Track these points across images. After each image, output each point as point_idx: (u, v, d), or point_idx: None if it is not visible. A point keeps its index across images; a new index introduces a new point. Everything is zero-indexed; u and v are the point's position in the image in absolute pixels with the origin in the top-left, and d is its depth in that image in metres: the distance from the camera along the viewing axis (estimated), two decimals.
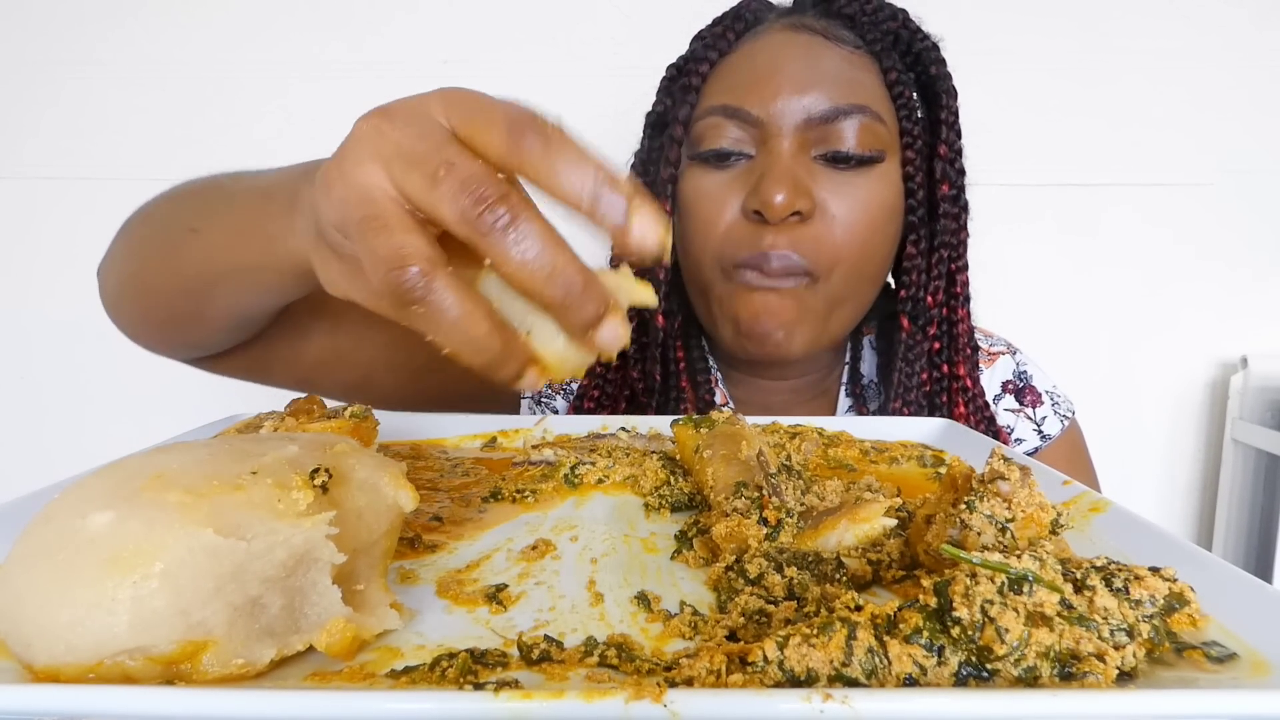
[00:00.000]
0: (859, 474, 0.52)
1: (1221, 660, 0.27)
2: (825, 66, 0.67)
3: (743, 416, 0.54)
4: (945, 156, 0.71)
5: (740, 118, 0.67)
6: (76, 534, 0.25)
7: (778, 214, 0.64)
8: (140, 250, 0.58)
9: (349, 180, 0.32)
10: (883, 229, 0.69)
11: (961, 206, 0.74)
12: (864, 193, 0.67)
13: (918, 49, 0.72)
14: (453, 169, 0.30)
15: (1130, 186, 1.31)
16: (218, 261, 0.51)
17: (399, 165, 0.31)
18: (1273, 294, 1.33)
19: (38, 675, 0.24)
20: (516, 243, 0.30)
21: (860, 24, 0.71)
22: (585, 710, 0.23)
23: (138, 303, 0.60)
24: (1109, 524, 0.39)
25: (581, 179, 0.30)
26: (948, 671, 0.25)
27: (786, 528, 0.37)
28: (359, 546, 0.30)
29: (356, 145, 0.33)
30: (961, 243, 0.74)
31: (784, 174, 0.65)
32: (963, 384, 0.74)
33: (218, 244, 0.50)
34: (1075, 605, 0.26)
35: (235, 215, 0.49)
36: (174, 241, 0.54)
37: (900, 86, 0.69)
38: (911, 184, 0.70)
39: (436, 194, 0.30)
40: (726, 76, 0.70)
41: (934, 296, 0.73)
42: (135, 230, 0.59)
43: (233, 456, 0.29)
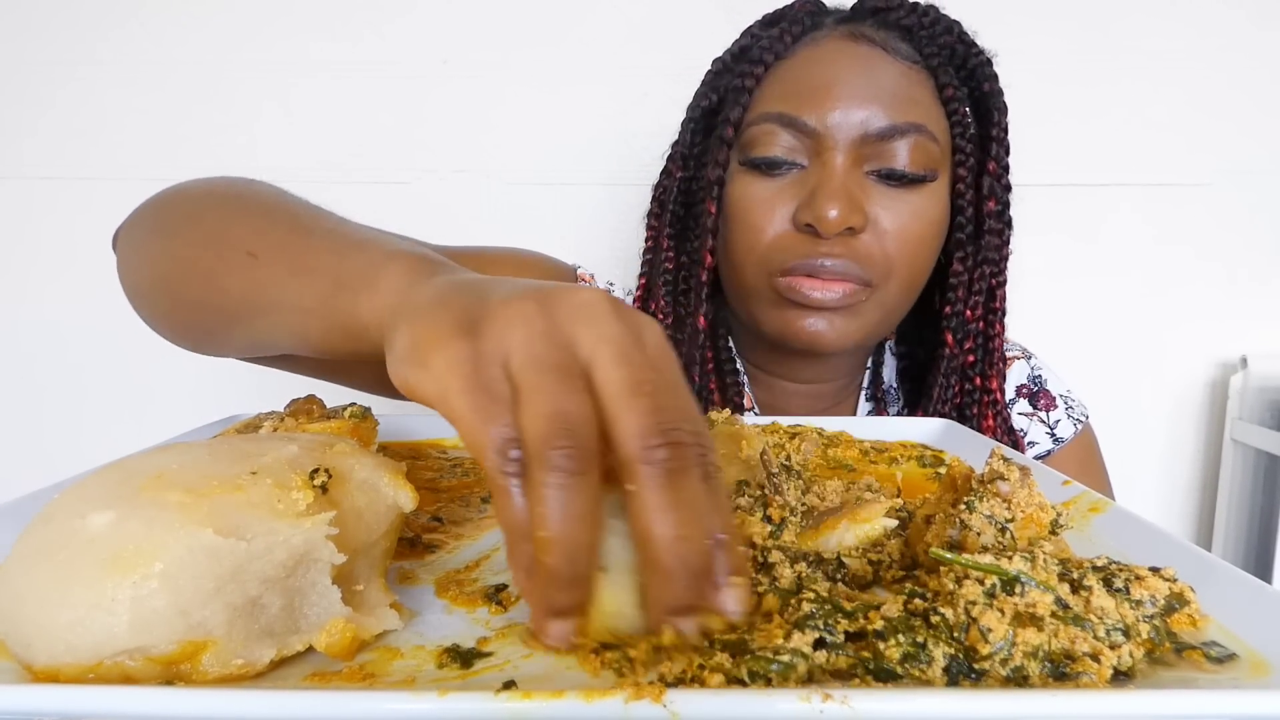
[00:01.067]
0: (859, 474, 0.52)
1: (1221, 660, 0.27)
2: (883, 81, 0.67)
3: (740, 417, 0.54)
4: (994, 173, 0.71)
5: (796, 127, 0.67)
6: (76, 534, 0.25)
7: (831, 229, 0.64)
8: (182, 255, 0.54)
9: (560, 323, 0.29)
10: (930, 245, 0.70)
11: (1006, 223, 0.74)
12: (914, 208, 0.67)
13: (972, 64, 0.71)
14: (654, 386, 0.28)
15: (1130, 187, 1.31)
16: (268, 294, 0.47)
17: (610, 351, 0.29)
18: (1272, 294, 1.33)
19: (38, 675, 0.24)
20: (678, 498, 0.27)
21: (918, 37, 0.71)
22: (585, 710, 0.23)
23: (167, 305, 0.58)
24: (1109, 524, 0.39)
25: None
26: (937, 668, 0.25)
27: (790, 525, 0.37)
28: (359, 547, 0.30)
29: (585, 305, 0.30)
30: (1004, 258, 0.74)
31: (839, 189, 0.65)
32: (993, 398, 0.74)
33: (274, 276, 0.47)
34: (1071, 605, 0.26)
35: (308, 251, 0.46)
36: (226, 260, 0.50)
37: (955, 103, 0.69)
38: (961, 201, 0.70)
39: (632, 402, 0.28)
40: (782, 82, 0.70)
41: (973, 311, 0.73)
42: (179, 230, 0.55)
43: (233, 457, 0.29)
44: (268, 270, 0.47)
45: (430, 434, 0.61)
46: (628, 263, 0.85)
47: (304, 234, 0.47)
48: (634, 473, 0.27)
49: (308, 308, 0.44)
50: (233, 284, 0.49)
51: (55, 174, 1.32)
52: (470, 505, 0.45)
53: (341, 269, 0.42)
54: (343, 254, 0.43)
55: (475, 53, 1.28)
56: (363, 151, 1.30)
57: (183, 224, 0.55)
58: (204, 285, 0.52)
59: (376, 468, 0.32)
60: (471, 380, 0.29)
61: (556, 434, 0.27)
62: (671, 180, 0.77)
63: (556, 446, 0.26)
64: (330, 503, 0.29)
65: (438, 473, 0.52)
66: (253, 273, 0.48)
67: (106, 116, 1.30)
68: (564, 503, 0.26)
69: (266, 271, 0.47)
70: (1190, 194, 1.30)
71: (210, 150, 1.30)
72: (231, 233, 0.51)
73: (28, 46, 1.29)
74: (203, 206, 0.56)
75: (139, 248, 0.58)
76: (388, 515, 0.32)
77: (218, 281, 0.51)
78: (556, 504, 0.26)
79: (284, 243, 0.47)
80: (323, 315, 0.43)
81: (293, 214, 0.50)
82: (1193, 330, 1.35)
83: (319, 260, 0.44)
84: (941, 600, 0.27)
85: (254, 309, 0.49)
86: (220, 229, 0.52)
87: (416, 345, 0.31)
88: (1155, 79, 1.27)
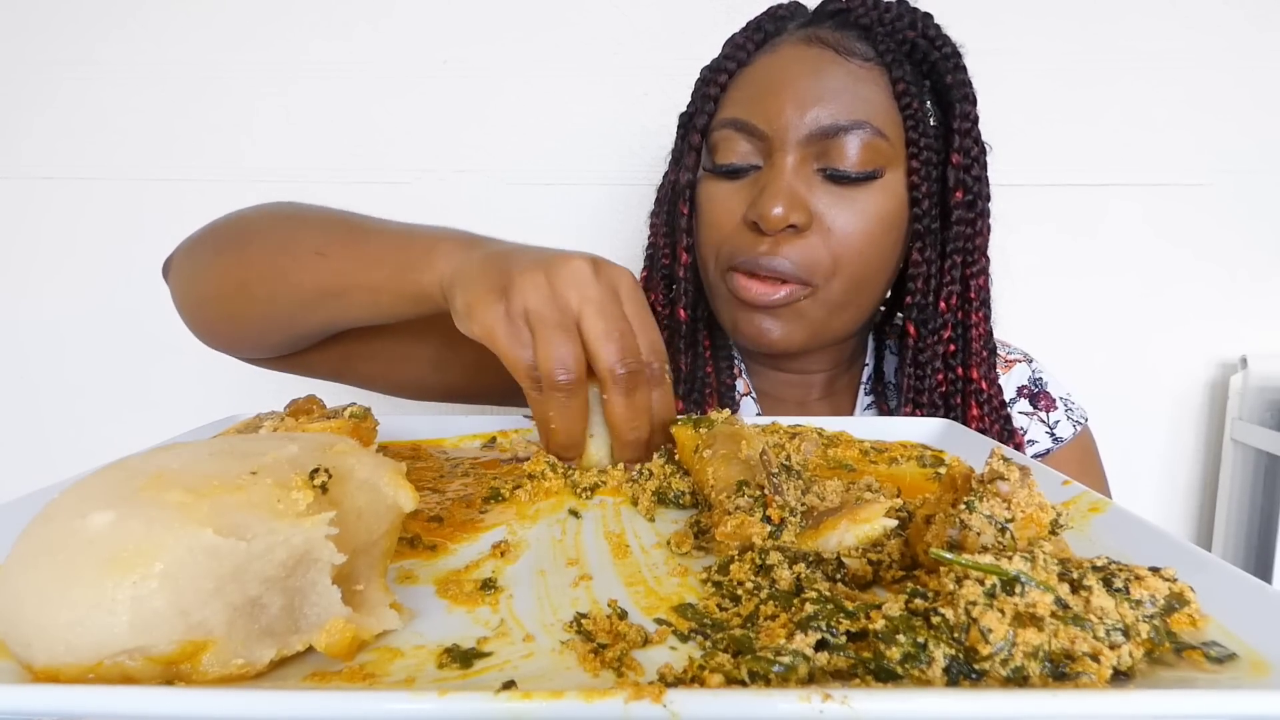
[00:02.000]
0: (859, 474, 0.52)
1: (1221, 660, 0.27)
2: (830, 82, 0.68)
3: (741, 417, 0.54)
4: (959, 164, 0.72)
5: (749, 131, 0.70)
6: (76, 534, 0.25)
7: (773, 226, 0.67)
8: (257, 261, 0.64)
9: (559, 289, 0.48)
10: (879, 241, 0.71)
11: (978, 213, 0.74)
12: (862, 206, 0.69)
13: (935, 58, 0.72)
14: (624, 335, 0.49)
15: (1129, 187, 1.31)
16: (342, 280, 0.60)
17: (594, 307, 0.48)
18: (1272, 294, 1.33)
19: (38, 675, 0.24)
20: (631, 402, 0.49)
21: (875, 34, 0.71)
22: (585, 710, 0.23)
23: (239, 307, 0.66)
24: (1109, 524, 0.39)
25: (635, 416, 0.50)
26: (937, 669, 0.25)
27: (790, 526, 0.37)
28: (359, 546, 0.30)
29: (574, 272, 0.49)
30: (977, 248, 0.75)
31: (782, 188, 0.67)
32: (976, 386, 0.75)
33: (345, 268, 0.60)
34: (1071, 605, 0.26)
35: (369, 246, 0.60)
36: (300, 260, 0.62)
37: (909, 98, 0.70)
38: (917, 194, 0.71)
39: (609, 344, 0.48)
40: (741, 89, 0.73)
41: (948, 301, 0.74)
42: (248, 243, 0.66)
43: (233, 456, 0.29)
44: (338, 264, 0.60)
45: (430, 434, 0.62)
46: (628, 262, 0.85)
47: (362, 234, 0.61)
48: (605, 386, 0.49)
49: (380, 286, 0.58)
50: (307, 278, 0.61)
51: (54, 173, 1.32)
52: (470, 505, 0.45)
53: (404, 256, 0.57)
54: (400, 245, 0.58)
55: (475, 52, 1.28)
56: (363, 151, 1.30)
57: (251, 239, 0.66)
58: (280, 282, 0.63)
59: (377, 467, 0.32)
60: (505, 328, 0.48)
61: (557, 369, 0.47)
62: (666, 181, 0.81)
63: (558, 376, 0.47)
64: (330, 502, 0.29)
65: (438, 473, 0.52)
66: (326, 265, 0.61)
67: (105, 116, 1.30)
68: (564, 409, 0.48)
69: (337, 265, 0.60)
70: (1190, 194, 1.30)
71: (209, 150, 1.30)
72: (298, 240, 0.63)
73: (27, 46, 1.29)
74: (264, 224, 0.67)
75: (207, 266, 0.68)
76: (388, 515, 0.32)
77: (294, 278, 0.62)
78: (559, 410, 0.48)
79: (346, 241, 0.61)
80: (393, 290, 0.58)
81: (343, 220, 0.64)
82: (1192, 330, 1.35)
83: (382, 253, 0.59)
84: (942, 600, 0.27)
85: (329, 294, 0.61)
86: (286, 238, 0.64)
87: (469, 306, 0.50)
88: (1155, 79, 1.27)
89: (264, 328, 0.67)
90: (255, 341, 0.69)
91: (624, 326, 0.49)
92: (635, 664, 0.27)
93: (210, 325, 0.70)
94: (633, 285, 0.51)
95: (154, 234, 0.73)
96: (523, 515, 0.44)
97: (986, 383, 0.75)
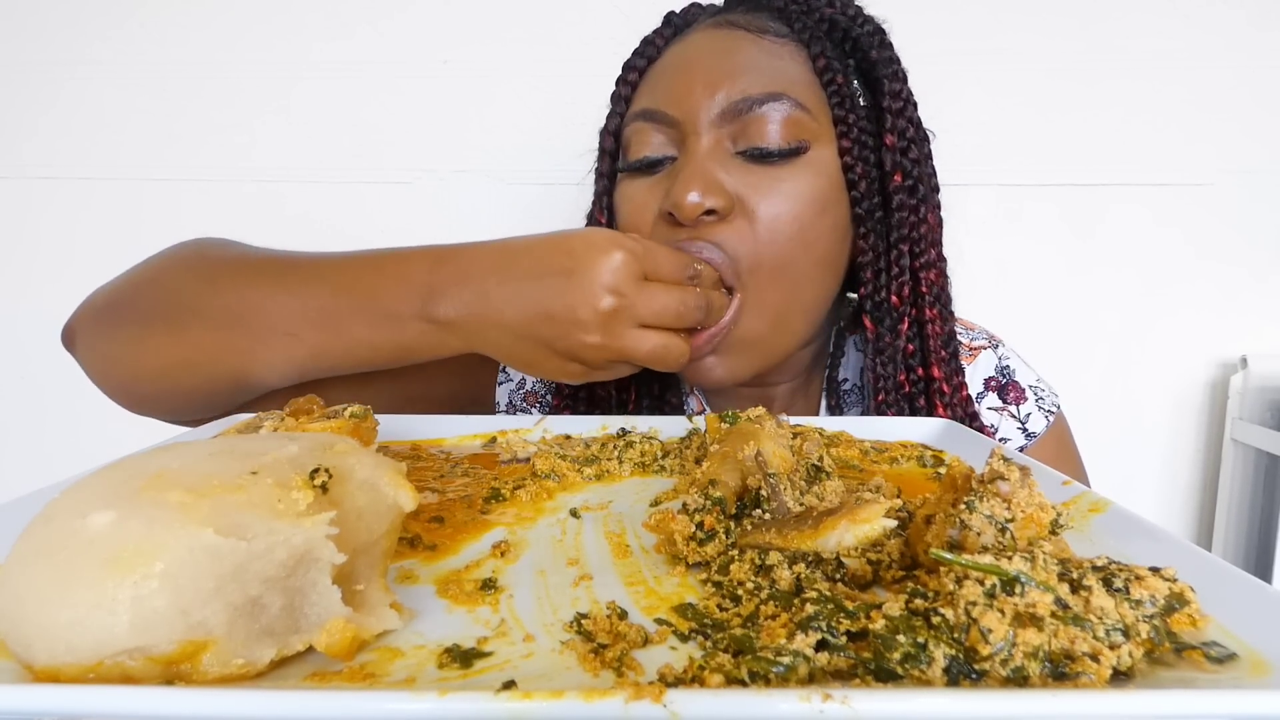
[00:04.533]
0: (868, 475, 0.51)
1: (1221, 660, 0.27)
2: (741, 59, 0.64)
3: (786, 417, 0.54)
4: (893, 146, 0.67)
5: (659, 120, 0.65)
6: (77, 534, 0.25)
7: (689, 214, 0.61)
8: (200, 344, 0.61)
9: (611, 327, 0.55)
10: (813, 224, 0.64)
11: (920, 199, 0.68)
12: (789, 186, 0.63)
13: (856, 34, 0.68)
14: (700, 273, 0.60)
15: (1130, 186, 1.31)
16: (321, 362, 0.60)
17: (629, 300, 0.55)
18: (1273, 294, 1.33)
19: (38, 675, 0.24)
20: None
21: (789, 14, 0.68)
22: (585, 710, 0.23)
23: (185, 386, 0.63)
24: (1109, 524, 0.39)
25: None
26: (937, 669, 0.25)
27: (717, 542, 0.36)
28: (359, 546, 0.30)
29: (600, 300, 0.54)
30: (923, 237, 0.69)
31: (695, 172, 0.61)
32: (939, 387, 0.69)
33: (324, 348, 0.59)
34: (1071, 605, 0.26)
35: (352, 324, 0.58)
36: (265, 342, 0.59)
37: (831, 73, 0.65)
38: (853, 175, 0.65)
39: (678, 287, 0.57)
40: (650, 82, 0.69)
41: (899, 295, 0.69)
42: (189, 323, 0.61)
43: (233, 456, 0.29)
44: (314, 345, 0.59)
45: (430, 434, 0.61)
46: None
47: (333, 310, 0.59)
48: None
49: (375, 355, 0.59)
50: (277, 358, 0.59)
51: (55, 173, 1.32)
52: (471, 505, 0.45)
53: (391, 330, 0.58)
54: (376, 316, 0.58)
55: (475, 52, 1.28)
56: (363, 151, 1.30)
57: (187, 316, 0.61)
58: (243, 359, 0.60)
59: (377, 467, 0.32)
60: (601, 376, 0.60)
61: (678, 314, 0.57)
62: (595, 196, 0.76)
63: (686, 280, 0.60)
64: (331, 502, 0.29)
65: (438, 473, 0.52)
66: (300, 347, 0.59)
67: (106, 116, 1.30)
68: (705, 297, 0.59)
69: (313, 347, 0.59)
70: (1191, 193, 1.30)
71: (210, 150, 1.30)
72: (254, 317, 0.59)
73: (28, 46, 1.29)
74: (197, 294, 0.62)
75: (133, 342, 0.63)
76: (388, 515, 0.32)
77: (261, 357, 0.59)
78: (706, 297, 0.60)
79: (317, 323, 0.59)
80: (393, 349, 0.59)
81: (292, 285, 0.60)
82: (1193, 330, 1.35)
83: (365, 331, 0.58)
84: (942, 600, 0.27)
85: (306, 372, 0.60)
86: (238, 313, 0.60)
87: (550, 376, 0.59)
88: (1156, 78, 1.27)
89: (216, 401, 0.63)
90: (196, 414, 0.65)
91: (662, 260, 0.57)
92: (635, 664, 0.27)
93: (139, 405, 0.67)
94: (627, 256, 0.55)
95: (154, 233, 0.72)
96: (523, 515, 0.44)
97: (949, 385, 0.70)
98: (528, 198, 1.31)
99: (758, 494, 0.40)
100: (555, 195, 1.30)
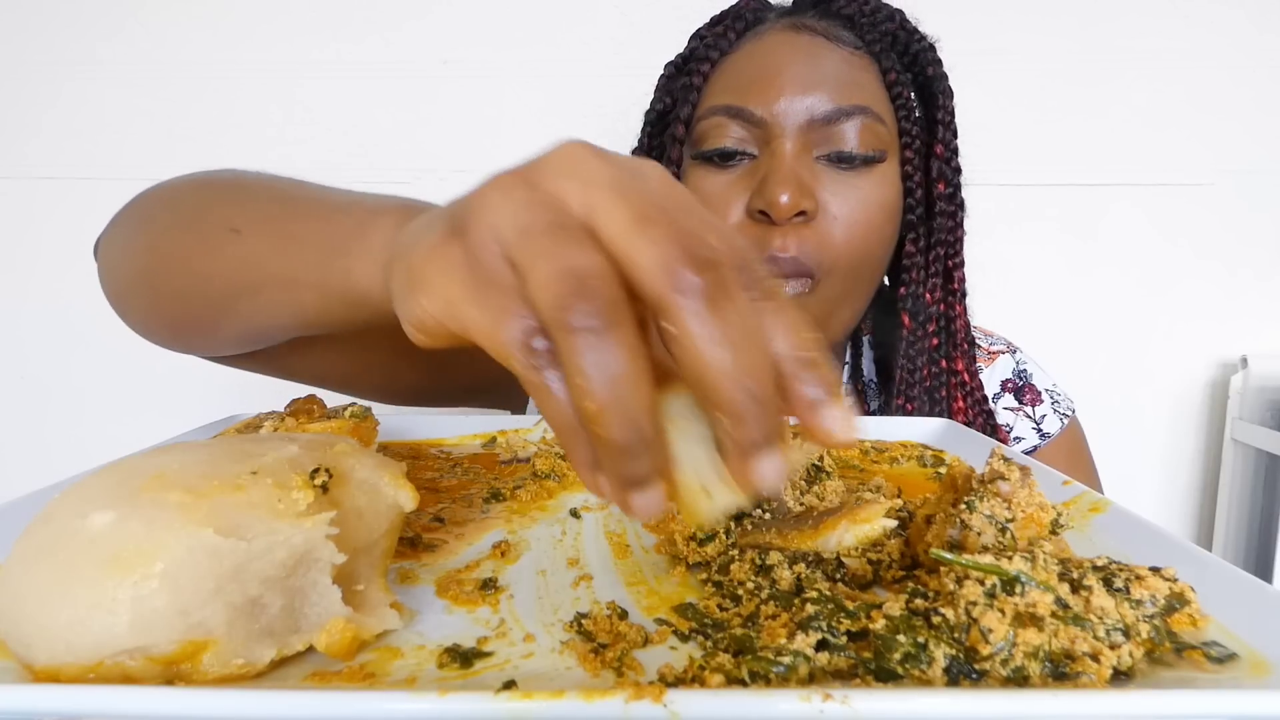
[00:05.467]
0: (869, 475, 0.51)
1: (1221, 660, 0.27)
2: (827, 67, 0.68)
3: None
4: (941, 155, 0.72)
5: (744, 118, 0.68)
6: (77, 534, 0.25)
7: (783, 214, 0.65)
8: (162, 244, 0.51)
9: (545, 186, 0.26)
10: (880, 229, 0.70)
11: (958, 204, 0.74)
12: (864, 193, 0.68)
13: (915, 49, 0.73)
14: (665, 214, 0.24)
15: (1130, 186, 1.31)
16: (257, 270, 0.45)
17: (605, 193, 0.25)
18: (1273, 294, 1.33)
19: (38, 675, 0.24)
20: (721, 312, 0.23)
21: (859, 24, 0.72)
22: (585, 710, 0.23)
23: (150, 300, 0.55)
24: (1109, 524, 0.39)
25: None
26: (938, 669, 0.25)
27: (717, 542, 0.37)
28: (359, 546, 0.30)
29: (564, 159, 0.27)
30: (958, 240, 0.75)
31: (789, 174, 0.65)
32: (960, 379, 0.74)
33: (259, 251, 0.45)
34: (1071, 605, 0.26)
35: (293, 223, 0.44)
36: (208, 240, 0.47)
37: (899, 87, 0.70)
38: (910, 183, 0.71)
39: (644, 233, 0.24)
40: (728, 76, 0.71)
41: (932, 294, 0.74)
42: (156, 218, 0.53)
43: (233, 456, 0.29)
44: (252, 245, 0.45)
45: (430, 434, 0.61)
46: None
47: (287, 203, 0.45)
48: (667, 309, 0.23)
49: (298, 279, 0.42)
50: (216, 266, 0.47)
51: (56, 174, 1.32)
52: (471, 505, 0.45)
53: (328, 234, 0.40)
54: (327, 219, 0.41)
55: (475, 53, 1.28)
56: (363, 151, 1.30)
57: (160, 212, 0.53)
58: (184, 271, 0.49)
59: (377, 467, 0.32)
60: (469, 279, 0.26)
61: (568, 292, 0.23)
62: None
63: (570, 305, 0.23)
64: (331, 502, 0.29)
65: (438, 473, 0.52)
66: (236, 250, 0.45)
67: (107, 116, 1.30)
68: (600, 362, 0.23)
69: (250, 247, 0.45)
70: (1190, 194, 1.30)
71: (210, 150, 1.30)
72: (212, 213, 0.48)
73: (28, 46, 1.29)
74: (180, 194, 0.53)
75: (119, 247, 0.56)
76: (388, 515, 0.32)
77: (198, 265, 0.48)
78: (593, 366, 0.22)
79: (267, 215, 0.45)
80: (315, 285, 0.41)
81: (273, 188, 0.48)
82: (1193, 330, 1.35)
83: (304, 227, 0.42)
84: (942, 600, 0.27)
85: (241, 290, 0.46)
86: (199, 211, 0.50)
87: (411, 272, 0.28)
88: (1156, 78, 1.27)
89: (185, 327, 0.55)
90: (188, 339, 0.57)
91: (668, 206, 0.25)
92: (636, 664, 0.27)
93: (134, 317, 0.59)
94: (667, 176, 0.28)
95: None
96: (523, 515, 0.44)
97: (969, 375, 0.75)
98: None
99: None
100: None
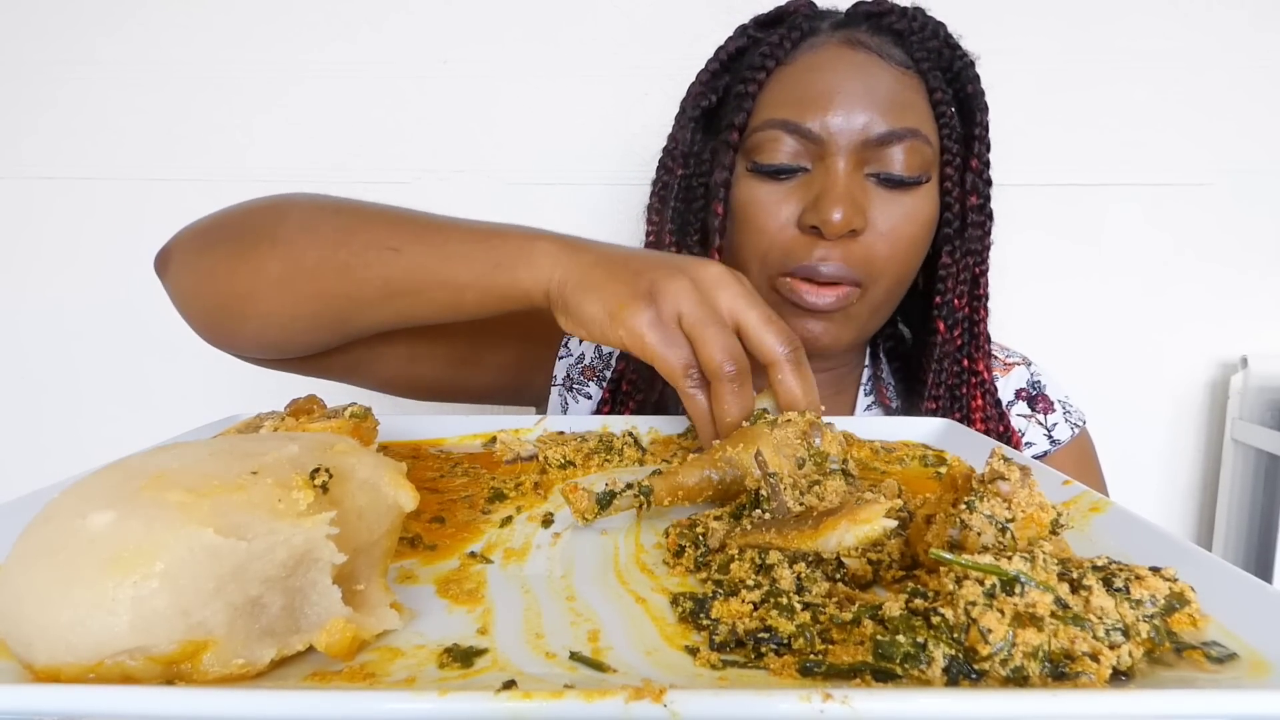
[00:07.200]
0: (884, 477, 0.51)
1: (1221, 660, 0.27)
2: (880, 88, 0.70)
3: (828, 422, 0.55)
4: (976, 169, 0.75)
5: (800, 133, 0.70)
6: (77, 534, 0.25)
7: (836, 231, 0.68)
8: (307, 258, 0.62)
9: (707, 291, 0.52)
10: (921, 243, 0.74)
11: (987, 215, 0.78)
12: (908, 210, 0.71)
13: (958, 67, 0.75)
14: (777, 321, 0.53)
15: (1130, 187, 1.31)
16: (419, 277, 0.59)
17: (745, 302, 0.53)
18: (1273, 294, 1.33)
19: (38, 675, 0.24)
20: (804, 374, 0.53)
21: (908, 42, 0.74)
22: (585, 710, 0.23)
23: (281, 304, 0.63)
24: (1109, 524, 0.39)
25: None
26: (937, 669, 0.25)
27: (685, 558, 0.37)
28: (359, 546, 0.30)
29: (718, 276, 0.53)
30: (986, 248, 0.79)
31: (844, 193, 0.68)
32: (981, 378, 0.77)
33: (423, 264, 0.59)
34: (1071, 605, 0.26)
35: (450, 243, 0.59)
36: (365, 255, 0.60)
37: (944, 106, 0.72)
38: (949, 198, 0.74)
39: (771, 329, 0.52)
40: (784, 88, 0.72)
41: (960, 299, 0.77)
42: (294, 240, 0.63)
43: (233, 456, 0.29)
44: (414, 259, 0.59)
45: (430, 434, 0.61)
46: None
47: (436, 230, 0.61)
48: (778, 366, 0.52)
49: (466, 284, 0.58)
50: (374, 273, 0.60)
51: (55, 174, 1.32)
52: (472, 505, 0.45)
53: (495, 254, 0.58)
54: (488, 242, 0.59)
55: (475, 52, 1.28)
56: (363, 151, 1.30)
57: (290, 233, 0.63)
58: (339, 279, 0.61)
59: (377, 467, 0.32)
60: (659, 333, 0.51)
61: (727, 360, 0.50)
62: (672, 177, 0.79)
63: (727, 368, 0.50)
64: (331, 502, 0.29)
65: (438, 473, 0.52)
66: (399, 261, 0.60)
67: (106, 116, 1.30)
68: (738, 397, 0.51)
69: (413, 260, 0.59)
70: (1190, 194, 1.30)
71: (210, 150, 1.30)
72: (358, 236, 0.61)
73: (28, 46, 1.29)
74: (305, 216, 0.64)
75: (228, 260, 0.65)
76: (388, 515, 0.32)
77: (357, 274, 0.61)
78: (734, 399, 0.51)
79: (420, 237, 0.60)
80: (482, 288, 0.58)
81: (404, 215, 0.63)
82: (1193, 330, 1.34)
83: (468, 249, 0.59)
84: (942, 600, 0.27)
85: (400, 292, 0.60)
86: (343, 233, 0.62)
87: (614, 313, 0.52)
88: (1155, 79, 1.27)
89: (300, 327, 0.64)
90: (281, 342, 0.66)
91: (773, 314, 0.53)
92: None
93: (226, 326, 0.67)
94: (747, 283, 0.55)
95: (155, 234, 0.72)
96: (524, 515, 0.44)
97: (989, 374, 0.78)
98: (528, 198, 1.31)
99: (757, 494, 0.40)
100: (556, 195, 1.30)
